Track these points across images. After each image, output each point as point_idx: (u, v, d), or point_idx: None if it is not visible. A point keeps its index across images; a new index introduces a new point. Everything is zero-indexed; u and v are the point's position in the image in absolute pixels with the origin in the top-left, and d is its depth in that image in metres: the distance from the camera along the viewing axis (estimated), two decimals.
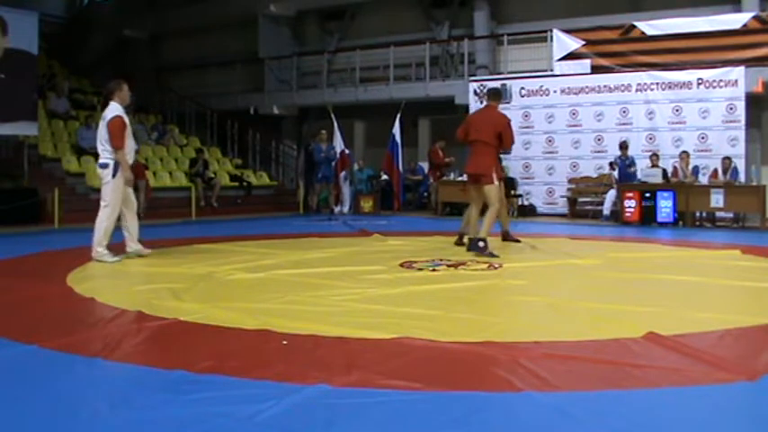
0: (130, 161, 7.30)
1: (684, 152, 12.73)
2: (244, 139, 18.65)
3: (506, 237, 8.64)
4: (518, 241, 8.51)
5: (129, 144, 7.27)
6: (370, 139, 18.72)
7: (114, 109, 7.23)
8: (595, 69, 14.38)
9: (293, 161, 18.87)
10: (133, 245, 7.44)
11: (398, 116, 15.17)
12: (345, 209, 15.44)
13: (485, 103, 7.79)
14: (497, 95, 7.97)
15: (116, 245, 7.34)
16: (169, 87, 19.50)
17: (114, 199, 7.19)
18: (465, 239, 8.03)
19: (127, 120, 7.25)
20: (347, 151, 15.88)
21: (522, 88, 15.00)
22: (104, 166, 7.19)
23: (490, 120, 7.70)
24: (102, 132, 7.19)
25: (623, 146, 13.14)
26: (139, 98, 18.72)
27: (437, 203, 15.04)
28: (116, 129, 7.10)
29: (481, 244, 7.37)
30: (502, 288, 5.79)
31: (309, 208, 15.69)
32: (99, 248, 7.14)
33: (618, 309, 4.97)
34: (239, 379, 3.20)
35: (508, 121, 7.79)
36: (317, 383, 3.07)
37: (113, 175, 7.13)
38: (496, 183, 7.57)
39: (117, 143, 7.09)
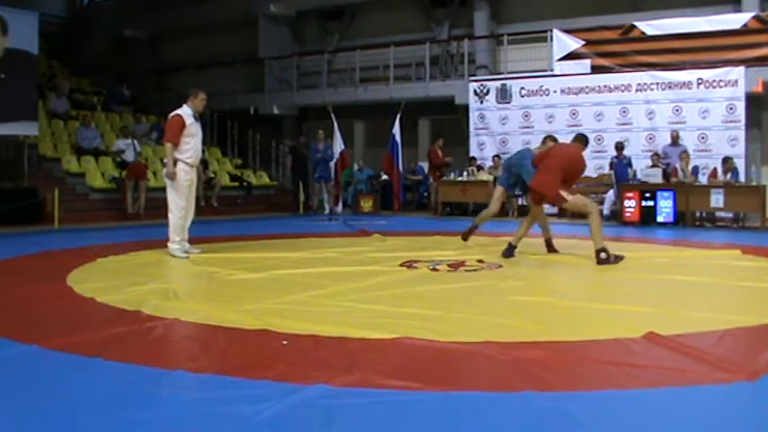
0: (191, 161, 7.64)
1: (684, 152, 12.72)
2: (244, 139, 18.65)
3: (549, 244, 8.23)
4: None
5: (192, 144, 7.61)
6: (370, 139, 18.72)
7: (180, 110, 7.64)
8: (595, 69, 14.37)
9: (288, 161, 18.87)
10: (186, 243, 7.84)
11: (398, 116, 15.17)
12: (339, 209, 15.40)
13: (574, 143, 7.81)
14: (585, 141, 7.90)
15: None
16: (169, 87, 19.49)
17: (179, 193, 7.62)
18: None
19: (190, 122, 7.56)
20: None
21: (522, 88, 15.00)
22: (167, 164, 7.63)
23: (569, 157, 7.57)
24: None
25: (619, 147, 13.14)
26: (139, 98, 18.79)
27: (437, 203, 15.04)
28: (171, 125, 7.53)
29: (603, 255, 7.09)
30: (502, 288, 5.79)
31: (309, 208, 15.68)
32: (171, 244, 7.58)
33: (618, 309, 4.97)
34: (239, 379, 3.20)
35: (583, 167, 7.75)
36: (317, 383, 3.07)
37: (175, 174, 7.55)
38: (570, 197, 7.43)
39: (168, 137, 7.51)
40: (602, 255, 7.10)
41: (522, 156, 8.25)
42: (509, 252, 7.51)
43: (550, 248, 8.00)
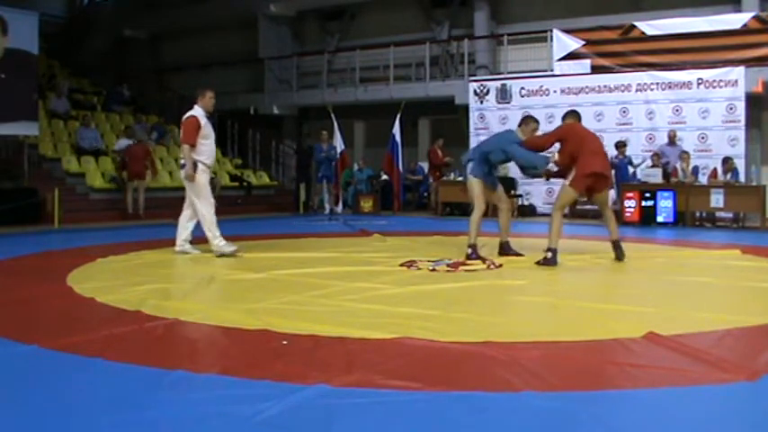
0: (209, 163, 7.67)
1: (684, 152, 12.72)
2: (244, 139, 18.65)
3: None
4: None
5: (208, 145, 7.63)
6: (370, 139, 18.72)
7: (193, 111, 7.63)
8: (595, 69, 14.38)
9: (293, 161, 18.89)
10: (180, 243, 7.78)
11: (398, 116, 15.17)
12: (339, 209, 15.39)
13: (568, 121, 7.42)
14: (579, 116, 7.68)
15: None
16: (169, 87, 19.50)
17: (204, 194, 7.59)
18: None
19: (204, 122, 7.58)
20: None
21: (522, 88, 15.00)
22: (185, 166, 7.55)
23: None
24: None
25: (620, 145, 13.15)
26: (139, 98, 18.79)
27: (437, 203, 15.04)
28: (188, 126, 7.50)
29: (549, 254, 6.98)
30: (502, 288, 5.79)
31: (309, 208, 15.69)
32: (215, 241, 7.51)
33: (618, 309, 4.97)
34: (239, 379, 3.20)
35: None
36: (317, 383, 3.07)
37: (195, 173, 7.51)
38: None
39: (186, 138, 7.48)
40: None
41: (505, 139, 7.45)
42: (619, 252, 7.18)
43: (507, 251, 7.62)
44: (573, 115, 7.56)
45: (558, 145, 7.29)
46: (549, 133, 7.64)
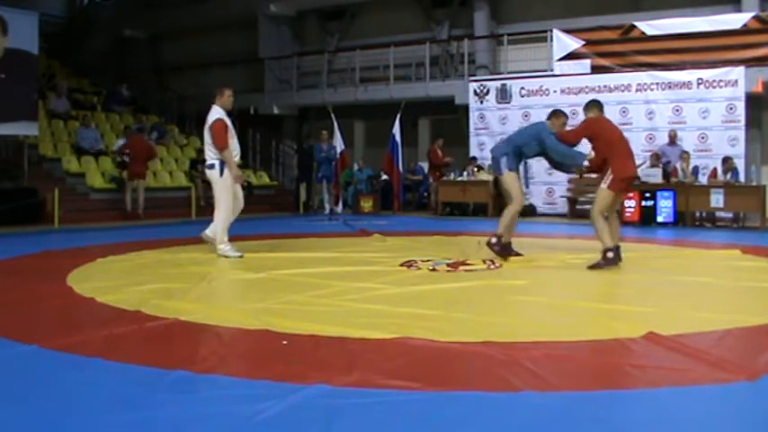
0: (236, 160, 7.72)
1: (685, 152, 12.72)
2: (244, 139, 18.62)
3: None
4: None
5: (234, 144, 7.70)
6: (370, 139, 18.72)
7: (216, 112, 7.64)
8: (595, 69, 14.37)
9: (293, 161, 18.89)
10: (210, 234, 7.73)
11: (398, 116, 15.17)
12: (339, 209, 15.38)
13: (591, 114, 7.03)
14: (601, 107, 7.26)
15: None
16: (169, 87, 19.50)
17: (225, 197, 7.59)
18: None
19: (229, 122, 7.65)
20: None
21: (522, 88, 14.99)
22: (211, 167, 7.59)
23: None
24: (206, 135, 7.67)
25: None
26: (139, 98, 18.79)
27: (437, 203, 15.04)
28: (219, 130, 7.49)
29: (610, 254, 6.73)
30: (502, 288, 5.79)
31: (309, 208, 15.69)
32: (221, 245, 7.50)
33: (618, 309, 4.97)
34: (239, 379, 3.20)
35: None
36: (317, 383, 3.07)
37: (221, 175, 7.52)
38: None
39: (221, 144, 7.48)
40: (611, 254, 6.98)
41: (541, 130, 7.18)
42: (617, 255, 6.79)
43: (509, 252, 7.40)
44: (596, 106, 7.11)
45: (585, 141, 7.08)
46: (577, 128, 7.36)
